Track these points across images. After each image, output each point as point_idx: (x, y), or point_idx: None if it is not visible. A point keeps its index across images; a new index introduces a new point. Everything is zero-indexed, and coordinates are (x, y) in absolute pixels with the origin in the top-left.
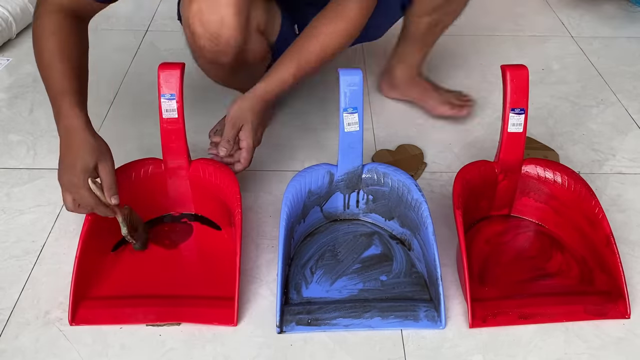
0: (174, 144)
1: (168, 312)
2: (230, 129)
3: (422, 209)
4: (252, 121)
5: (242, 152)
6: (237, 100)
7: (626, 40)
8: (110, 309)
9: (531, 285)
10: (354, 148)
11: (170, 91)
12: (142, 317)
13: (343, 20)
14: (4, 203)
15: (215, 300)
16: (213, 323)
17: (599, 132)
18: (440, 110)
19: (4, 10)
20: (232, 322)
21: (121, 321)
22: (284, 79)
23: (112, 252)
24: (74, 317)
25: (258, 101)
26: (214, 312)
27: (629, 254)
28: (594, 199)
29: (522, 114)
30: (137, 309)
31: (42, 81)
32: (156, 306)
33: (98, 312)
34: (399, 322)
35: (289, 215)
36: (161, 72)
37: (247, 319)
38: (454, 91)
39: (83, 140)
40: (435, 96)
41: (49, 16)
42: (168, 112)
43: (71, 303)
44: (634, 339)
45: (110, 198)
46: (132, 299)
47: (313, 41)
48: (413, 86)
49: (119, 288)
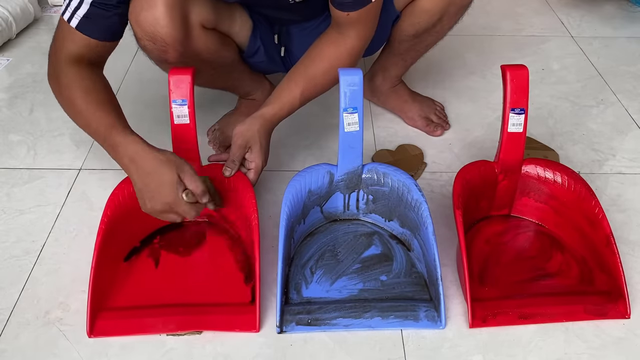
0: (186, 149)
1: (188, 320)
2: (237, 149)
3: (422, 209)
4: (262, 143)
5: (250, 172)
6: (246, 121)
7: (626, 40)
8: (128, 320)
9: (531, 285)
10: (354, 148)
11: (181, 97)
12: (162, 327)
13: (344, 45)
14: (4, 203)
15: (233, 306)
16: (235, 330)
17: (599, 132)
18: (417, 124)
19: (4, 10)
20: (255, 328)
21: (141, 331)
22: (292, 102)
23: (125, 262)
24: (92, 329)
25: (267, 123)
26: (235, 319)
27: (629, 254)
28: (594, 199)
29: (522, 114)
30: (156, 318)
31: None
32: (175, 315)
33: (116, 322)
34: (399, 322)
35: (289, 215)
36: (172, 78)
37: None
38: (436, 103)
39: (155, 159)
40: (413, 108)
41: (68, 69)
42: (180, 117)
43: (89, 315)
44: (634, 339)
45: (204, 201)
46: (149, 309)
47: (317, 64)
48: (392, 96)
49: (135, 298)
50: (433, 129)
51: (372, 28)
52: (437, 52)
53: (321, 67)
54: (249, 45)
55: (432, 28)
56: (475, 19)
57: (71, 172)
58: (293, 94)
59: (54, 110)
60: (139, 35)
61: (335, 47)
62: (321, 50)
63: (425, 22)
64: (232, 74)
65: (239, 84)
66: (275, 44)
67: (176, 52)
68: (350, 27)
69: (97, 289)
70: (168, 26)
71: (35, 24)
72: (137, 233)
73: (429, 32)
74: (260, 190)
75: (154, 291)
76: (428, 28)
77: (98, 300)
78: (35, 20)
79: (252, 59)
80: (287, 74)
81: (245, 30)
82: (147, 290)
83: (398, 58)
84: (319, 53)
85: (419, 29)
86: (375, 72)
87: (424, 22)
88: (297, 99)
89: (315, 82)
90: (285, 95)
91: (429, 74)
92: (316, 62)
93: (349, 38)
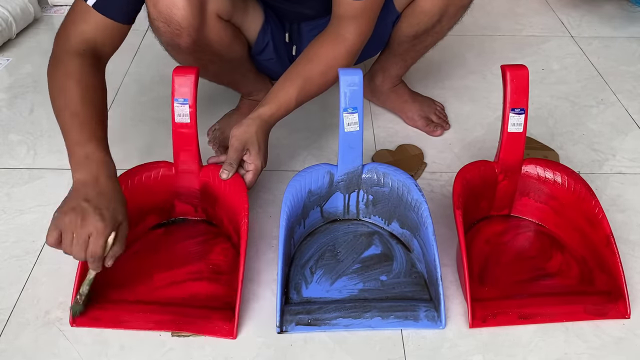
0: (186, 148)
1: (168, 320)
2: (234, 152)
3: (422, 209)
4: (260, 144)
5: (249, 174)
6: (243, 123)
7: (626, 40)
8: (110, 312)
9: (531, 285)
10: (354, 148)
11: (183, 96)
12: (141, 324)
13: (343, 44)
14: (4, 203)
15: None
16: (211, 335)
17: (599, 132)
18: (416, 124)
19: (4, 10)
20: (232, 335)
21: (118, 326)
22: (288, 103)
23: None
24: (74, 320)
25: (264, 124)
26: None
27: (629, 254)
28: (594, 199)
29: (522, 114)
30: (135, 314)
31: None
32: (154, 313)
33: (98, 314)
34: (399, 322)
35: (289, 216)
36: (176, 77)
37: (247, 319)
38: (436, 103)
39: (116, 191)
40: (413, 108)
41: (71, 59)
42: (181, 116)
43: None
44: (634, 339)
45: (108, 262)
46: (132, 304)
47: (314, 65)
48: (392, 96)
49: (122, 293)
50: (433, 129)
51: (372, 23)
52: (437, 52)
53: (318, 68)
54: (258, 41)
55: (431, 29)
56: (475, 19)
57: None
58: (289, 95)
59: None
60: (153, 15)
61: (333, 47)
62: (318, 50)
63: (424, 23)
64: (238, 70)
65: (243, 82)
66: (286, 42)
67: (189, 38)
68: (351, 20)
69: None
70: (185, 10)
71: (35, 24)
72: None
73: (428, 32)
74: (260, 190)
75: (140, 287)
76: (427, 29)
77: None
78: (35, 20)
79: (260, 56)
80: (284, 73)
81: (256, 25)
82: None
83: (398, 58)
84: (316, 53)
85: (419, 30)
86: (375, 72)
87: (424, 23)
88: (293, 99)
89: (312, 82)
90: (282, 95)
91: (429, 74)
92: (314, 62)
93: (349, 34)
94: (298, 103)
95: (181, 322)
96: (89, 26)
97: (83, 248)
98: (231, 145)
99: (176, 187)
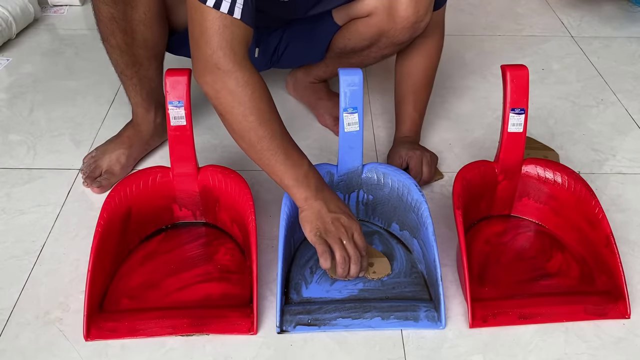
0: (182, 151)
1: (184, 323)
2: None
3: (422, 209)
4: (424, 151)
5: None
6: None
7: (626, 40)
8: (124, 323)
9: (531, 285)
10: (354, 148)
11: (177, 98)
12: (159, 330)
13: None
14: (4, 203)
15: (232, 309)
16: (234, 333)
17: (599, 132)
18: (325, 122)
19: (4, 10)
20: (253, 331)
21: (137, 334)
22: (412, 118)
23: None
24: (89, 333)
25: (416, 137)
26: (233, 322)
27: (629, 254)
28: (594, 199)
29: (522, 114)
30: (152, 321)
31: (238, 117)
32: (172, 318)
33: (112, 326)
34: (399, 322)
35: (289, 215)
36: (168, 79)
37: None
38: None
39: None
40: (326, 106)
41: (243, 66)
42: (176, 119)
43: (85, 319)
44: (634, 339)
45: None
46: (146, 312)
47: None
48: (309, 91)
49: (132, 301)
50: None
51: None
52: None
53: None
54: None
55: (359, 51)
56: (475, 19)
57: (71, 172)
58: (409, 112)
59: (54, 110)
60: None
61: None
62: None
63: (354, 43)
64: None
65: (147, 83)
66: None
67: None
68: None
69: (94, 292)
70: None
71: (35, 24)
72: (135, 234)
73: (355, 52)
74: (260, 190)
75: (151, 294)
76: (355, 49)
77: (95, 303)
78: (35, 20)
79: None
80: (396, 97)
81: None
82: (144, 292)
83: (322, 63)
84: (415, 64)
85: (347, 46)
86: (300, 68)
87: (353, 42)
88: (413, 113)
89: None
90: (405, 115)
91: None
92: (413, 75)
93: (436, 35)
94: (421, 114)
95: (198, 324)
96: (244, 38)
97: (353, 246)
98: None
99: (174, 191)
